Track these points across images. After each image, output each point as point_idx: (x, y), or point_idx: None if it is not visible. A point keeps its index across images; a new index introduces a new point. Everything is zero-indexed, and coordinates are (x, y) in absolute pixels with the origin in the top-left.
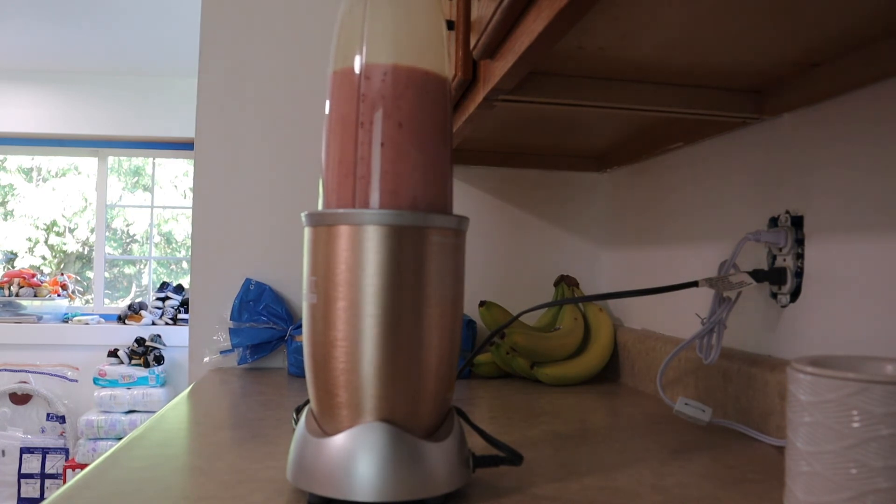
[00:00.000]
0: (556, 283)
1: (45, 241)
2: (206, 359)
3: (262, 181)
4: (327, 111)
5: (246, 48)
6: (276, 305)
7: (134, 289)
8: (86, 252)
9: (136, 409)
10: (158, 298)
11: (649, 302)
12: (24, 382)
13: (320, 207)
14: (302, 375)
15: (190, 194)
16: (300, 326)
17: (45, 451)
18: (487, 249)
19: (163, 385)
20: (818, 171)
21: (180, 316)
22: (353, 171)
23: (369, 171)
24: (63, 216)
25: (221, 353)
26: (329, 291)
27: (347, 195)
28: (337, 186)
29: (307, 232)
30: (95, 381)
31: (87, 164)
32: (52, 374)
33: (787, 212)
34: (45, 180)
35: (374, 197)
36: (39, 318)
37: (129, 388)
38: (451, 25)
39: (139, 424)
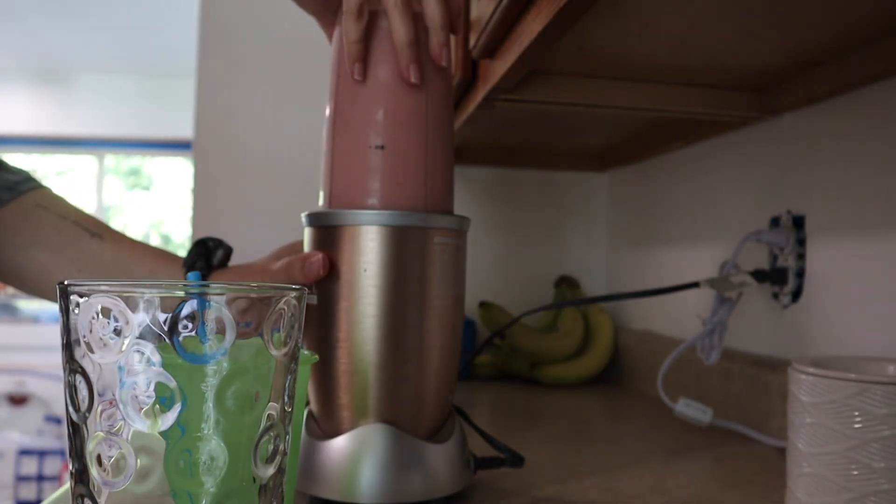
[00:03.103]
0: (557, 284)
1: None
2: None
3: (262, 181)
4: (328, 112)
5: (244, 48)
6: None
7: None
8: None
9: None
10: None
11: (650, 302)
12: (22, 384)
13: (320, 207)
14: None
15: (189, 194)
16: None
17: (42, 454)
18: (487, 250)
19: None
20: (820, 170)
21: None
22: (354, 170)
23: (370, 171)
24: None
25: None
26: (330, 292)
27: (348, 195)
28: (337, 186)
29: (307, 232)
30: None
31: (85, 164)
32: (50, 376)
33: (789, 211)
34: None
35: (375, 197)
36: (37, 320)
37: None
38: None
39: None
